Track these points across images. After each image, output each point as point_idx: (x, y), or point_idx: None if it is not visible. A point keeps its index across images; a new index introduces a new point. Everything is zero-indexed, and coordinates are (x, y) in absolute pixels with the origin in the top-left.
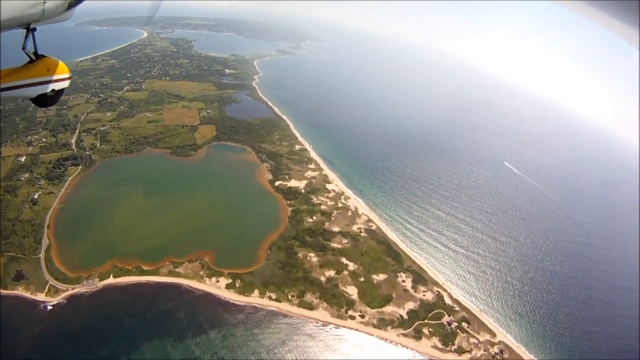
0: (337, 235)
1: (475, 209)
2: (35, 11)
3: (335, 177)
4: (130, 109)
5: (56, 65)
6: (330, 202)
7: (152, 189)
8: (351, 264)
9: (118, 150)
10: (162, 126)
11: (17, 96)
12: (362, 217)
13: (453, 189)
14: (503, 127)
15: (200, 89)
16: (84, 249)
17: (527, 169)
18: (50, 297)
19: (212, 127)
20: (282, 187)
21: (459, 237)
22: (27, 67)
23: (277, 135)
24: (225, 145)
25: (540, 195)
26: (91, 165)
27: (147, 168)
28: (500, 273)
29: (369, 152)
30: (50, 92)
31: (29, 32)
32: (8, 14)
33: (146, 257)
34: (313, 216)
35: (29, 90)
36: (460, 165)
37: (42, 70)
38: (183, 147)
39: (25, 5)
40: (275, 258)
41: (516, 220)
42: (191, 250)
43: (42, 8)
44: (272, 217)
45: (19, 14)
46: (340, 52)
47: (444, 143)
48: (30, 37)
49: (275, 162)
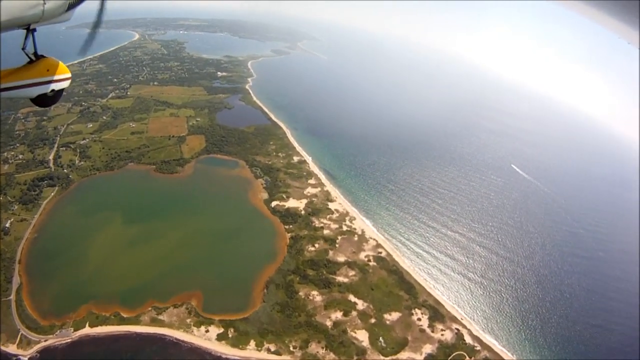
0: (343, 266)
1: (489, 225)
2: (35, 12)
3: (338, 193)
4: (114, 118)
5: (56, 65)
6: (333, 225)
7: (133, 215)
8: (360, 301)
9: (98, 167)
10: (147, 138)
11: (17, 96)
12: (369, 241)
13: (464, 202)
14: (507, 127)
15: (190, 94)
16: (58, 290)
17: (535, 171)
18: (22, 350)
19: (201, 138)
20: (280, 208)
21: (475, 262)
22: (27, 67)
23: (273, 146)
24: (215, 159)
25: (551, 202)
26: (68, 185)
27: (128, 189)
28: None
29: (372, 162)
30: (50, 93)
31: (29, 32)
32: (8, 14)
33: (126, 300)
34: (315, 244)
35: (29, 90)
36: (469, 172)
37: (42, 70)
38: (168, 163)
39: (25, 6)
40: (273, 299)
41: (531, 235)
42: (176, 292)
43: (42, 9)
44: (269, 247)
45: (19, 15)
46: (337, 52)
47: (450, 148)
48: (30, 38)
49: (271, 177)
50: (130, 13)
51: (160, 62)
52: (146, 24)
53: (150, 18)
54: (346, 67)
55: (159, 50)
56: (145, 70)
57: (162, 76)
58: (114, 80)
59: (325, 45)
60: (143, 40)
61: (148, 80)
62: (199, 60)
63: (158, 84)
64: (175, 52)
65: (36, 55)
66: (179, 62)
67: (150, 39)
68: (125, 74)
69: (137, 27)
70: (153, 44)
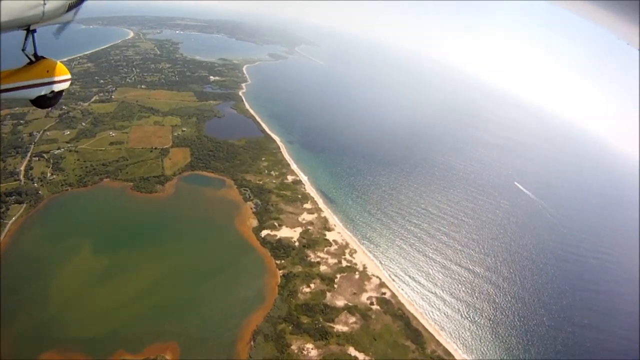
0: (343, 311)
1: (499, 258)
2: (35, 12)
3: (336, 220)
4: (94, 125)
5: (56, 66)
6: (331, 260)
7: (104, 243)
8: (361, 355)
9: (70, 182)
10: (127, 150)
11: (16, 97)
12: (372, 280)
13: (471, 230)
14: (507, 141)
15: (179, 99)
16: (20, 330)
17: (538, 189)
18: None
19: (186, 151)
20: (270, 239)
21: (484, 304)
22: (26, 68)
23: (265, 162)
24: (200, 177)
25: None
26: (37, 203)
27: (101, 210)
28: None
29: (372, 182)
30: (49, 94)
31: (29, 33)
32: (8, 15)
33: (93, 349)
34: (310, 283)
35: (29, 91)
36: (474, 194)
37: (41, 71)
38: (147, 180)
39: (26, 7)
40: (260, 353)
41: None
42: (150, 341)
43: (42, 10)
44: (257, 287)
45: (19, 15)
46: (336, 58)
47: (454, 165)
48: (30, 39)
49: (262, 200)
50: (127, 10)
51: (151, 63)
52: (143, 22)
53: (147, 16)
54: (345, 74)
55: (152, 50)
56: (134, 72)
57: (151, 78)
58: (100, 81)
59: (323, 51)
60: (137, 38)
61: (136, 83)
62: (192, 62)
63: (146, 87)
64: (168, 52)
65: (36, 56)
66: (170, 64)
67: (145, 38)
68: (113, 75)
69: (133, 25)
70: (147, 43)
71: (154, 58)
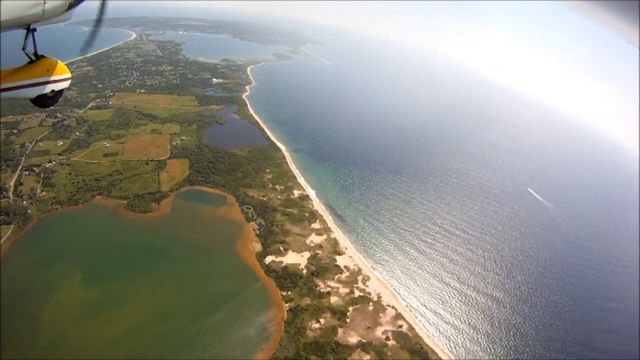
0: (356, 350)
1: (519, 280)
2: (35, 12)
3: (348, 243)
4: (88, 135)
5: (56, 65)
6: (343, 290)
7: (94, 271)
8: None
9: (61, 200)
10: (121, 162)
11: (17, 97)
12: (388, 311)
13: (490, 249)
14: (515, 142)
15: (179, 104)
16: None
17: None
18: None
19: (185, 163)
20: (275, 266)
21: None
22: (27, 67)
23: (270, 174)
24: (199, 193)
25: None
26: (26, 223)
27: (92, 232)
28: None
29: (384, 195)
30: (50, 93)
31: (29, 32)
32: (8, 14)
33: None
34: (320, 318)
35: (29, 90)
36: (490, 206)
37: (42, 70)
38: (142, 197)
39: (26, 6)
40: None
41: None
42: None
43: (42, 9)
44: (260, 323)
45: (19, 15)
46: (344, 58)
47: (469, 173)
48: (30, 38)
49: (266, 220)
50: (131, 11)
51: (152, 66)
52: (146, 23)
53: (151, 17)
54: (353, 75)
55: (154, 52)
56: (134, 75)
57: (151, 82)
58: (98, 85)
59: (330, 51)
60: (139, 40)
61: (135, 87)
62: (194, 64)
63: (145, 91)
64: (170, 54)
65: (36, 55)
66: (172, 66)
67: (147, 39)
68: (112, 79)
69: (136, 26)
70: (149, 45)
71: (155, 60)
